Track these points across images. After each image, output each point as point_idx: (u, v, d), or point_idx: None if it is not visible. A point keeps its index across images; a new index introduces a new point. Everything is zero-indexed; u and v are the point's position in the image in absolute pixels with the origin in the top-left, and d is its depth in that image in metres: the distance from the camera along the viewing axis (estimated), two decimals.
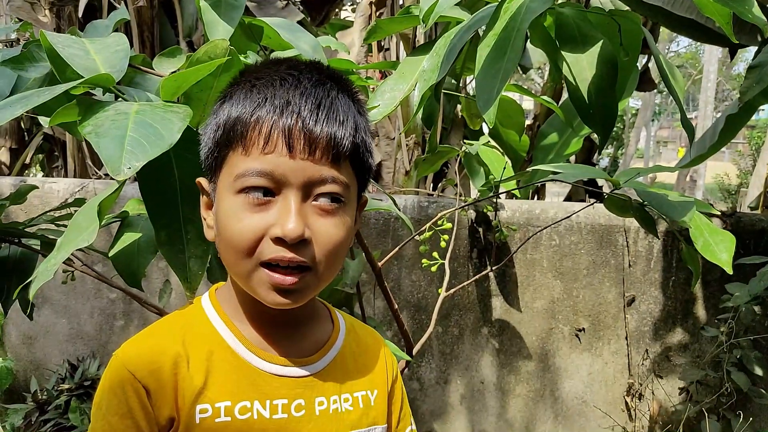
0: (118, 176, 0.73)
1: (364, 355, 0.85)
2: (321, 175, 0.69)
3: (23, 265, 1.51)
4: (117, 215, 1.28)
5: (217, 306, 0.78)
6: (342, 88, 0.74)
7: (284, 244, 0.68)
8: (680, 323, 2.52)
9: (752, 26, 2.06)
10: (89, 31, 1.39)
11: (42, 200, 2.62)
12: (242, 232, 0.69)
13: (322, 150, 0.68)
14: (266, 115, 0.68)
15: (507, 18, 1.20)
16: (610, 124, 1.27)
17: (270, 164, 0.67)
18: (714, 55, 16.72)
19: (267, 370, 0.74)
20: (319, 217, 0.70)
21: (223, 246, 0.72)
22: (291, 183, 0.68)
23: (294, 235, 0.67)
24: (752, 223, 2.47)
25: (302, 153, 0.67)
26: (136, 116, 0.78)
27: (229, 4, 1.27)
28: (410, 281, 2.56)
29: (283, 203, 0.68)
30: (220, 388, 0.72)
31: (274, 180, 0.68)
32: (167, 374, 0.71)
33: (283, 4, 3.43)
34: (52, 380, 2.58)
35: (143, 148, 0.76)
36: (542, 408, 2.59)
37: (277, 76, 0.71)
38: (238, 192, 0.69)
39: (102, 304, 2.68)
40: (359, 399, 0.81)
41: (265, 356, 0.75)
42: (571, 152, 3.28)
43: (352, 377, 0.81)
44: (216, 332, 0.75)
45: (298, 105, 0.68)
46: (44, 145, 4.44)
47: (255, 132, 0.68)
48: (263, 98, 0.69)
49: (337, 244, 0.71)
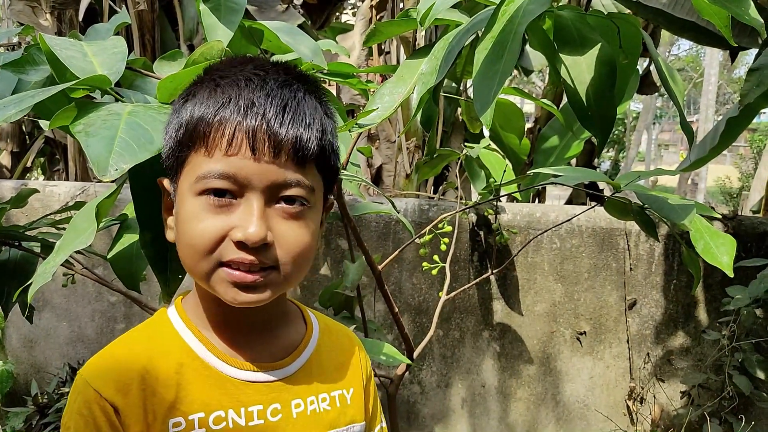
0: (105, 177, 0.73)
1: (339, 354, 0.84)
2: (285, 178, 0.67)
3: (23, 268, 1.51)
4: (116, 218, 1.29)
5: (183, 315, 0.76)
6: (309, 89, 0.72)
7: (245, 247, 0.66)
8: (682, 326, 2.52)
9: (753, 28, 2.06)
10: (90, 34, 1.39)
11: (43, 203, 2.62)
12: (203, 233, 0.67)
13: (287, 153, 0.67)
14: (230, 115, 0.66)
15: (504, 21, 1.20)
16: (609, 126, 1.26)
17: (233, 167, 0.66)
18: (715, 58, 16.72)
19: (239, 377, 0.73)
20: (283, 221, 0.68)
21: (182, 247, 0.71)
22: (254, 186, 0.66)
23: (256, 239, 0.65)
24: (753, 226, 2.47)
25: (266, 156, 0.66)
26: (128, 117, 0.78)
27: (229, 7, 1.28)
28: (411, 284, 2.56)
29: (246, 206, 0.66)
30: (193, 400, 0.70)
31: (237, 182, 0.66)
32: (135, 390, 0.69)
33: (283, 8, 3.44)
34: (52, 383, 2.58)
35: (132, 150, 0.75)
36: (544, 412, 2.58)
37: (242, 75, 0.69)
38: (199, 193, 0.67)
39: (103, 307, 2.68)
40: (336, 398, 0.80)
41: (236, 363, 0.73)
42: (572, 155, 3.28)
43: (329, 377, 0.80)
44: (184, 343, 0.73)
45: (263, 106, 0.66)
46: (45, 149, 4.45)
47: (218, 133, 0.66)
48: (227, 98, 0.67)
49: (302, 248, 0.70)
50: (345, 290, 1.90)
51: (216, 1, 1.29)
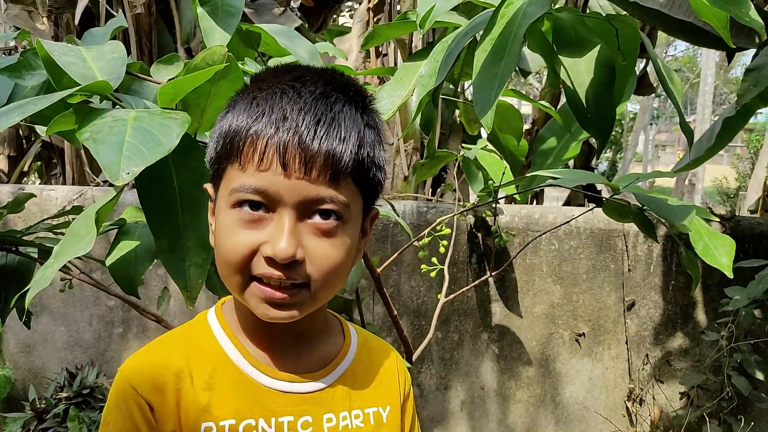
0: (117, 182, 0.73)
1: (377, 370, 0.83)
2: (318, 194, 0.66)
3: (21, 273, 1.50)
4: (114, 223, 1.28)
5: (222, 321, 0.76)
6: (350, 99, 0.70)
7: (275, 263, 0.66)
8: (680, 327, 2.52)
9: (750, 29, 2.07)
10: (86, 39, 1.38)
11: (40, 208, 2.62)
12: (234, 248, 0.67)
13: (319, 169, 0.65)
14: (262, 130, 0.66)
15: (504, 23, 1.20)
16: (608, 128, 1.26)
17: (265, 182, 0.65)
18: (711, 58, 16.77)
19: (272, 386, 0.73)
20: (315, 237, 0.67)
21: (217, 258, 0.72)
22: (285, 202, 0.66)
23: (285, 256, 0.65)
24: (751, 227, 2.47)
25: (297, 172, 0.65)
26: (134, 123, 0.77)
27: (227, 11, 1.27)
28: (409, 287, 2.55)
29: (278, 222, 0.66)
30: (225, 406, 0.70)
31: (268, 198, 0.66)
32: (170, 390, 0.69)
33: (280, 11, 3.44)
34: (50, 389, 2.57)
35: (141, 153, 0.75)
36: (543, 414, 2.58)
37: (278, 88, 0.69)
38: (233, 206, 0.67)
39: (100, 312, 2.67)
40: (371, 415, 0.78)
41: (269, 372, 0.73)
42: (570, 157, 3.28)
43: (364, 393, 0.79)
44: (220, 348, 0.74)
45: (295, 120, 0.66)
46: (42, 153, 4.44)
47: (251, 148, 0.66)
48: (261, 112, 0.67)
49: (333, 266, 0.69)
50: (344, 293, 1.89)
51: (213, 4, 1.29)
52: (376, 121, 0.74)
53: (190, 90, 0.91)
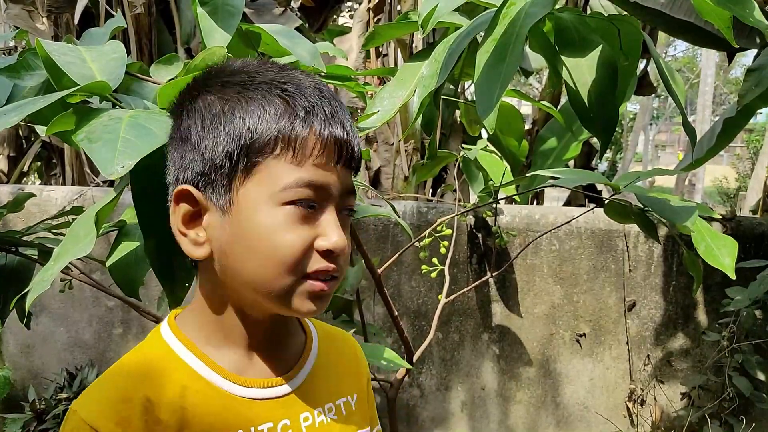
0: (112, 175, 0.72)
1: (340, 360, 0.82)
2: (351, 184, 0.69)
3: (20, 274, 1.49)
4: (114, 224, 1.27)
5: (179, 334, 0.71)
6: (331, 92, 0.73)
7: (330, 256, 0.66)
8: (681, 328, 2.51)
9: (751, 29, 2.06)
10: (86, 39, 1.37)
11: (40, 208, 2.61)
12: (293, 245, 0.65)
13: (355, 159, 0.69)
14: (319, 124, 0.66)
15: (506, 23, 1.19)
16: (611, 128, 1.26)
17: (320, 175, 0.65)
18: (711, 59, 16.76)
19: (246, 395, 0.69)
20: (345, 228, 0.69)
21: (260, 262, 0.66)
22: (333, 195, 0.67)
23: (342, 247, 0.66)
24: (752, 227, 2.47)
25: (345, 161, 0.67)
26: (129, 120, 0.77)
27: (227, 11, 1.26)
28: (410, 287, 2.55)
29: (328, 215, 0.67)
30: (200, 425, 0.66)
31: (323, 191, 0.66)
32: (137, 422, 0.64)
33: (280, 11, 3.44)
34: (50, 389, 2.56)
35: (135, 146, 0.74)
36: (544, 414, 2.57)
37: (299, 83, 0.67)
38: (284, 203, 0.65)
39: (100, 312, 2.67)
40: (342, 407, 0.78)
41: (242, 381, 0.70)
42: (570, 157, 3.28)
43: (333, 385, 0.79)
44: (185, 365, 0.69)
45: (340, 116, 0.67)
46: (42, 153, 4.44)
47: (308, 142, 0.65)
48: (310, 105, 0.66)
49: (348, 257, 0.71)
50: (344, 294, 1.89)
51: (213, 4, 1.28)
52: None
53: None
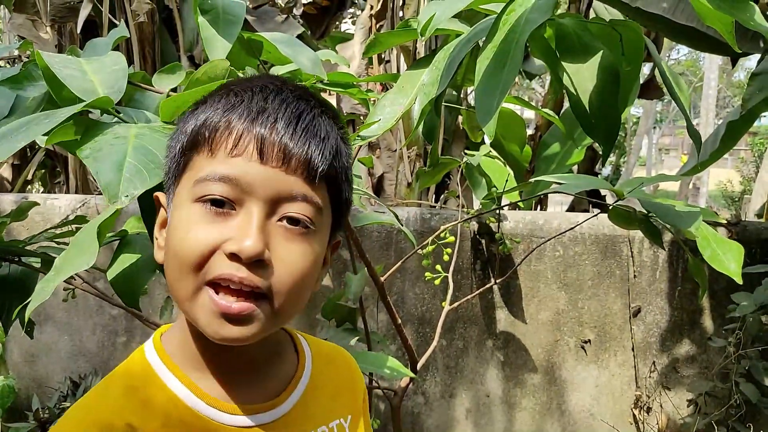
0: (116, 205, 0.72)
1: (335, 380, 0.78)
2: (292, 190, 0.60)
3: (24, 283, 1.49)
4: (116, 234, 1.27)
5: (164, 356, 0.66)
6: (326, 112, 0.66)
7: (239, 261, 0.58)
8: (687, 334, 2.50)
9: (754, 33, 2.06)
10: (88, 49, 1.38)
11: (44, 217, 2.62)
12: (192, 243, 0.59)
13: (297, 162, 0.60)
14: (239, 118, 0.61)
15: (506, 30, 1.19)
16: (613, 134, 1.25)
17: (236, 169, 0.59)
18: (714, 62, 16.72)
19: (233, 423, 0.65)
20: (284, 240, 0.61)
21: (168, 259, 0.63)
22: (257, 194, 0.59)
23: (252, 252, 0.58)
24: (758, 232, 2.45)
25: (274, 161, 0.60)
26: (135, 140, 0.76)
27: (228, 19, 1.27)
28: (414, 294, 2.54)
29: (245, 216, 0.59)
30: None
31: (238, 187, 0.59)
32: None
33: (282, 18, 3.45)
34: (54, 398, 2.56)
35: (142, 176, 0.74)
36: (549, 421, 2.56)
37: (258, 84, 0.65)
38: (196, 200, 0.60)
39: (104, 321, 2.67)
40: (334, 429, 0.74)
41: (228, 409, 0.65)
42: (574, 162, 3.26)
43: (326, 408, 0.74)
44: (168, 390, 0.64)
45: (275, 112, 0.61)
46: (46, 161, 4.45)
47: (225, 133, 0.60)
48: (239, 101, 0.62)
49: (301, 274, 0.62)
50: (347, 302, 1.88)
51: (214, 13, 1.29)
52: (348, 141, 0.70)
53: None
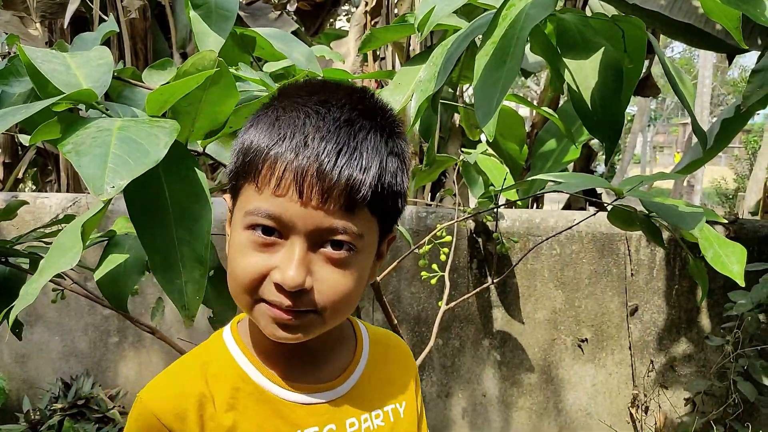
0: (101, 196, 0.69)
1: (390, 367, 0.84)
2: (331, 224, 0.66)
3: (12, 284, 1.46)
4: (104, 234, 1.24)
5: (238, 339, 0.76)
6: (375, 126, 0.69)
7: (283, 290, 0.66)
8: (685, 332, 2.48)
9: (752, 30, 2.04)
10: (77, 44, 1.34)
11: (34, 216, 2.58)
12: (245, 270, 0.67)
13: (335, 199, 0.65)
14: (282, 154, 0.65)
15: (506, 25, 1.16)
16: (617, 132, 1.23)
17: (279, 208, 0.65)
18: (709, 60, 16.77)
19: (294, 400, 0.74)
20: (326, 266, 0.67)
21: (228, 276, 0.71)
22: (299, 229, 0.65)
23: (293, 284, 0.65)
24: (755, 230, 2.44)
25: (314, 200, 0.64)
26: (119, 132, 0.74)
27: (220, 14, 1.24)
28: (410, 293, 2.52)
29: (289, 248, 0.66)
30: (249, 425, 0.71)
31: (282, 224, 0.66)
32: (192, 416, 0.70)
33: (276, 15, 3.41)
34: (45, 399, 2.53)
35: (127, 165, 0.71)
36: (546, 421, 2.54)
37: (303, 110, 0.68)
38: (247, 228, 0.67)
39: (96, 321, 2.63)
40: (390, 413, 0.80)
41: (290, 386, 0.74)
42: (570, 159, 3.24)
43: (382, 392, 0.81)
44: (239, 367, 0.74)
45: (316, 148, 0.65)
46: (37, 159, 4.40)
47: (269, 171, 0.66)
48: (282, 135, 0.66)
49: (342, 295, 0.69)
50: None
51: (206, 8, 1.26)
52: (402, 147, 0.73)
53: (180, 97, 0.87)
